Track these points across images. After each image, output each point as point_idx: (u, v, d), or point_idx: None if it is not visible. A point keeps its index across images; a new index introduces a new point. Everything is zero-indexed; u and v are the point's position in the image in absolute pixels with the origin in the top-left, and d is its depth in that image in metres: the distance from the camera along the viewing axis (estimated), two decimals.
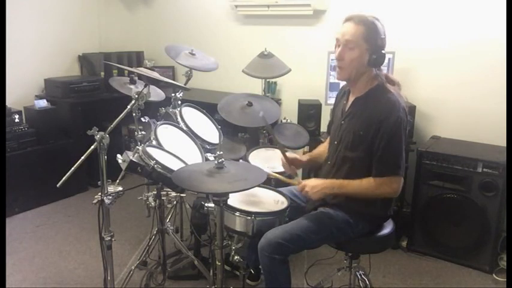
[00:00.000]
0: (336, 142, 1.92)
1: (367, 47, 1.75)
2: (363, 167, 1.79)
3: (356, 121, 1.82)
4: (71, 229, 3.14)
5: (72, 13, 4.09)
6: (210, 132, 2.53)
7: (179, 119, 2.41)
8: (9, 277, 2.52)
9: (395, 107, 1.74)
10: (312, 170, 2.36)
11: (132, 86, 2.45)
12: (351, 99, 1.90)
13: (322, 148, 2.14)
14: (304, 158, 2.13)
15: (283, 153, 2.01)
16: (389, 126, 1.71)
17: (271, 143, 2.82)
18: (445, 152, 2.70)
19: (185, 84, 2.51)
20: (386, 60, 2.89)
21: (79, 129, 3.58)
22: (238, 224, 1.88)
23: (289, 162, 2.03)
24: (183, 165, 2.03)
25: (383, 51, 1.77)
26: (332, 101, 2.29)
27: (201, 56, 2.67)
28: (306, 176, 3.02)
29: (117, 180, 1.86)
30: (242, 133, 2.83)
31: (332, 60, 2.92)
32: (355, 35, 1.74)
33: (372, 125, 1.75)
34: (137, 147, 2.00)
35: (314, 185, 1.82)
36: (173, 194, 2.34)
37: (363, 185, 1.76)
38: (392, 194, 1.79)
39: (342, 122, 1.91)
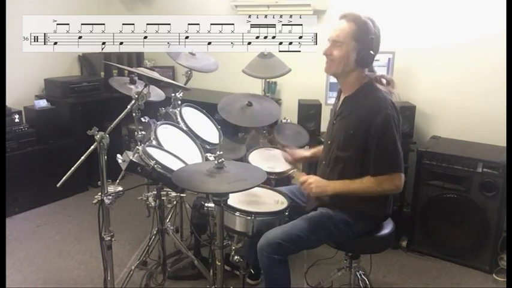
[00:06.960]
0: (329, 142, 1.93)
1: (354, 45, 1.76)
2: (356, 166, 1.79)
3: (346, 120, 1.83)
4: (71, 229, 3.14)
5: (72, 13, 4.08)
6: (210, 132, 2.53)
7: (179, 119, 2.41)
8: (9, 277, 2.52)
9: (383, 104, 1.74)
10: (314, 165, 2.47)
11: (132, 86, 2.45)
12: (342, 98, 1.91)
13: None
14: (307, 152, 2.21)
15: (285, 150, 2.14)
16: (379, 124, 1.72)
17: (271, 143, 2.82)
18: (445, 152, 2.70)
19: (185, 84, 2.51)
20: (386, 60, 2.94)
21: (79, 129, 3.56)
22: (238, 224, 1.89)
23: (294, 158, 2.16)
24: (183, 165, 2.03)
25: (371, 52, 1.76)
26: (332, 101, 2.30)
27: (201, 56, 2.66)
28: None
29: (117, 180, 1.86)
30: (242, 133, 2.83)
31: None
32: (344, 32, 1.76)
33: (361, 124, 1.75)
34: (137, 147, 2.00)
35: (318, 180, 1.83)
36: (173, 194, 2.34)
37: (364, 183, 1.76)
38: (395, 190, 1.79)
39: (334, 121, 1.92)
